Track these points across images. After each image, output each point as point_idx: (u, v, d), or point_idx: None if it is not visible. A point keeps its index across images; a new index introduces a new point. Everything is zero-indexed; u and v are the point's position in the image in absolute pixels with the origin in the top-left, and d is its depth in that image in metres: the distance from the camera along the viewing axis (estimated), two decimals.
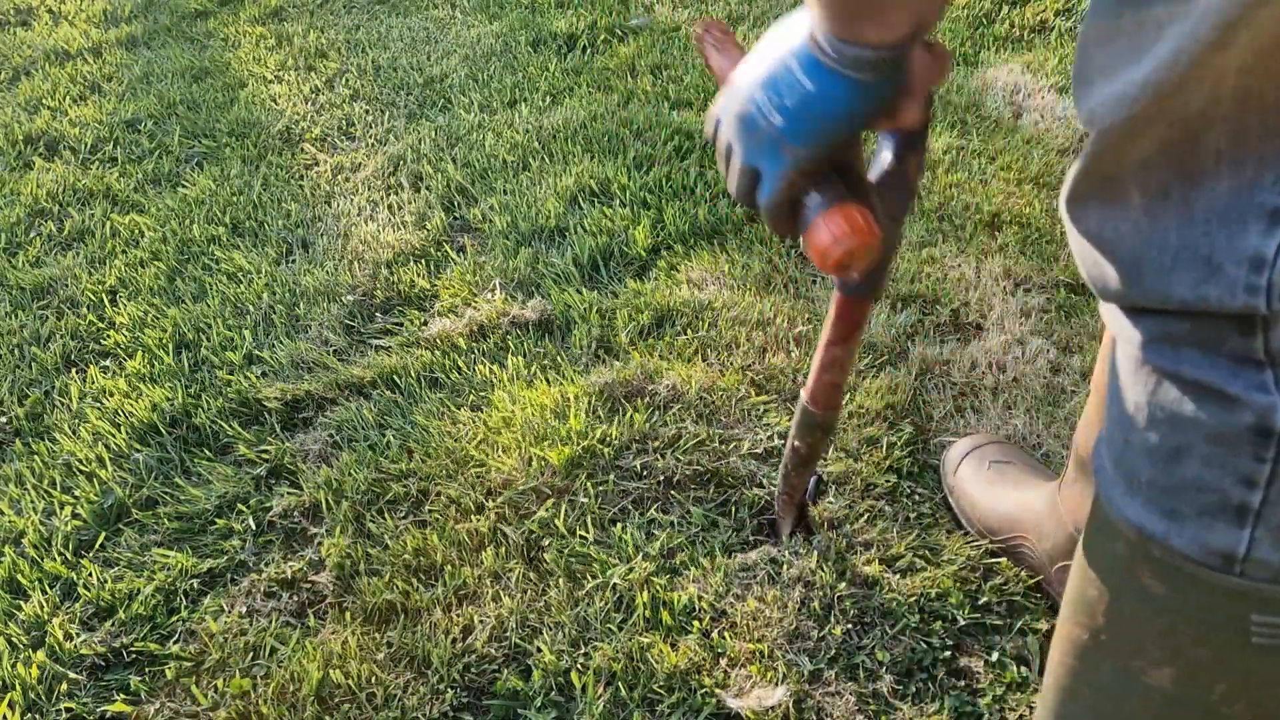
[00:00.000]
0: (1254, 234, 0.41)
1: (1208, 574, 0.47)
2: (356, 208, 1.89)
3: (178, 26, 3.00)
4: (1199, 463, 0.46)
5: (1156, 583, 0.50)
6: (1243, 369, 0.44)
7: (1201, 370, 0.45)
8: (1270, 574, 0.46)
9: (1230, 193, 0.41)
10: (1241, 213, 0.41)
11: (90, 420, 1.41)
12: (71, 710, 1.02)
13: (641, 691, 0.95)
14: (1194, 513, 0.47)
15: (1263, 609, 0.47)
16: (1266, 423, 0.43)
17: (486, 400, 1.35)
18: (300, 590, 1.12)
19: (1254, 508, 0.45)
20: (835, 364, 0.87)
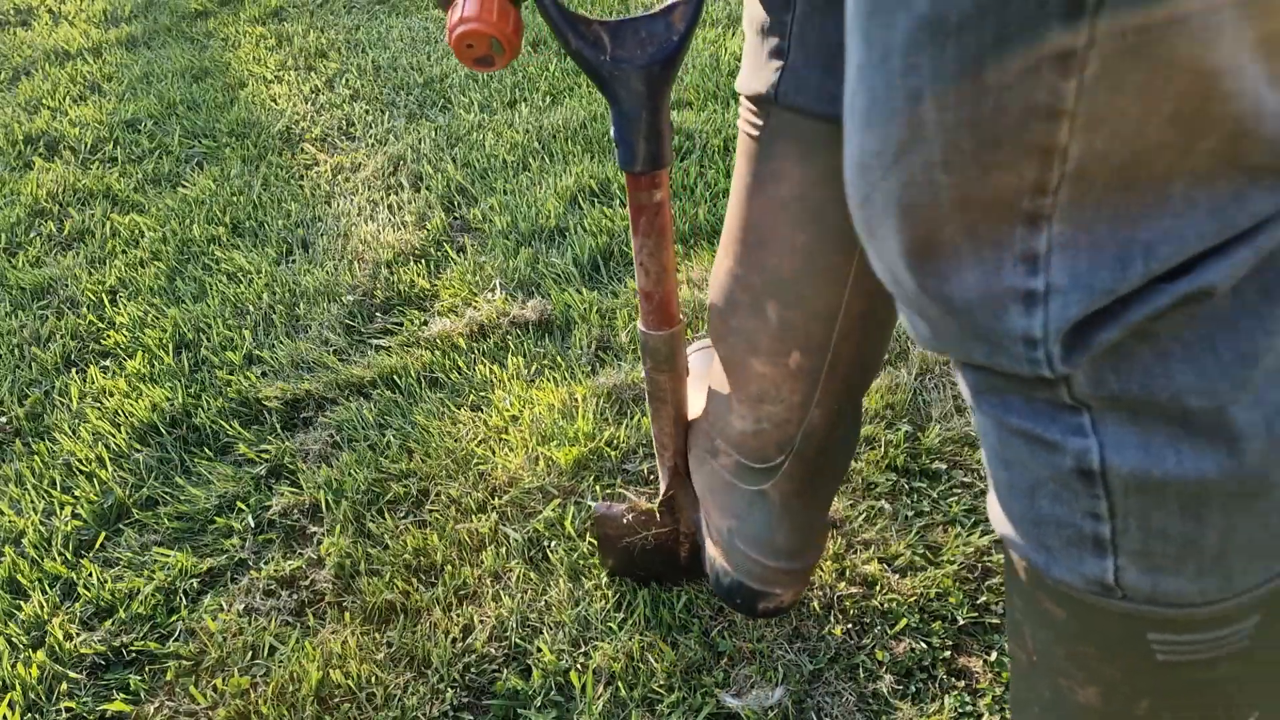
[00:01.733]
0: (1015, 315, 0.41)
1: (1095, 599, 0.48)
2: (356, 208, 1.89)
3: (178, 26, 3.00)
4: (1050, 500, 0.47)
5: (1057, 608, 0.50)
6: (1059, 414, 0.44)
7: (1024, 418, 0.46)
8: (1145, 597, 0.46)
9: (979, 280, 0.41)
10: (997, 299, 0.41)
11: (90, 420, 1.41)
12: (71, 710, 1.02)
13: (641, 691, 0.95)
14: (1061, 545, 0.48)
15: (1155, 629, 0.47)
16: (1085, 465, 0.44)
17: (487, 400, 1.35)
18: (300, 589, 1.12)
19: (1108, 538, 0.46)
20: (640, 266, 0.77)
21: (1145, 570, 0.46)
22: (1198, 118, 0.35)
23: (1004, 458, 0.49)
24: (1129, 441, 0.43)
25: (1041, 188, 0.37)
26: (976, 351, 0.44)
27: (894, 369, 1.33)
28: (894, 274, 0.44)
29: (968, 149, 0.37)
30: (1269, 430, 0.41)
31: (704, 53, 2.33)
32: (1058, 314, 0.40)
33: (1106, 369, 0.42)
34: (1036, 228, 0.39)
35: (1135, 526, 0.45)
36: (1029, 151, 0.36)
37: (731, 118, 2.01)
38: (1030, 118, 0.35)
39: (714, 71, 2.22)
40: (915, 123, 0.37)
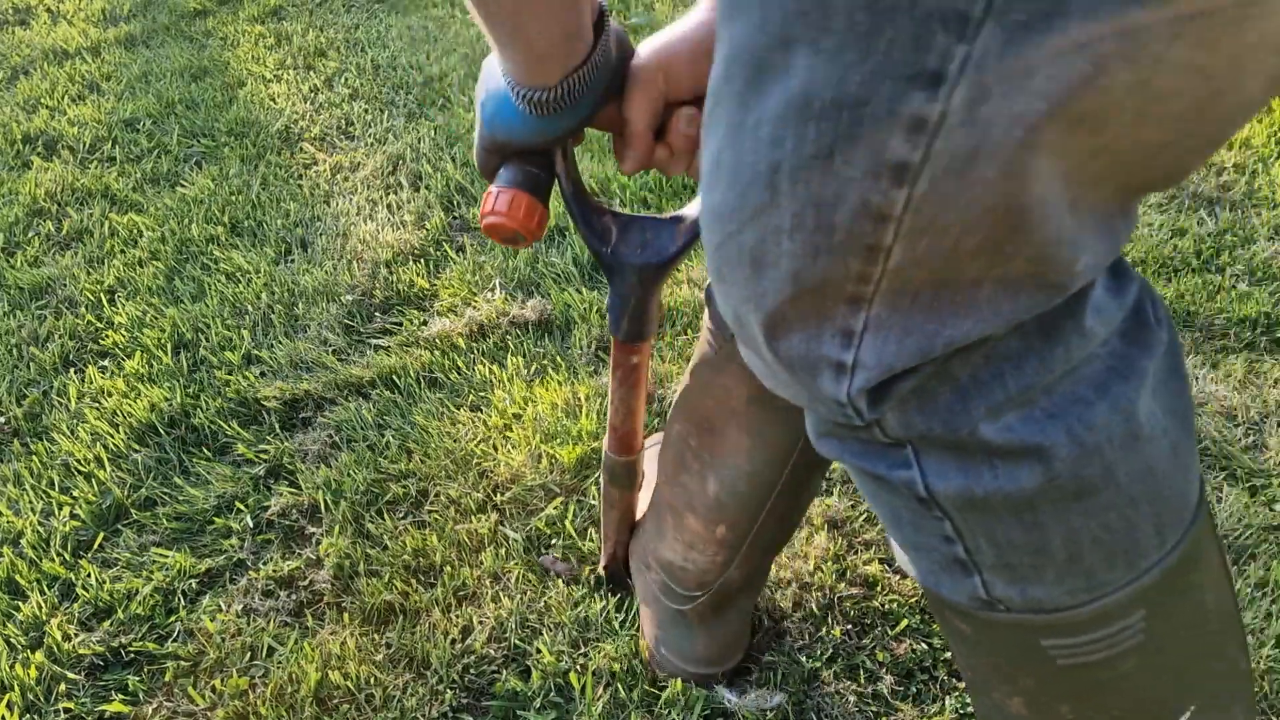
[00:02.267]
0: (827, 380, 0.45)
1: (985, 613, 0.50)
2: (356, 207, 1.89)
3: (176, 25, 2.99)
4: (910, 528, 0.50)
5: (963, 624, 0.53)
6: (884, 451, 0.48)
7: (857, 457, 0.49)
8: (1022, 606, 0.49)
9: (802, 344, 0.44)
10: (815, 363, 0.45)
11: (89, 420, 1.40)
12: (70, 710, 1.02)
13: (640, 692, 0.95)
14: (936, 567, 0.51)
15: (1046, 635, 0.49)
16: (915, 492, 0.47)
17: (486, 400, 1.35)
18: (299, 590, 1.12)
19: (965, 557, 0.49)
20: (612, 405, 0.86)
21: (1011, 581, 0.48)
22: (1008, 240, 0.39)
23: (867, 493, 0.52)
24: (948, 467, 0.46)
25: (865, 278, 0.41)
26: (800, 399, 0.48)
27: None
28: (738, 316, 0.47)
29: (810, 225, 0.40)
30: (1071, 438, 0.44)
31: None
32: (860, 382, 0.44)
33: (913, 411, 0.45)
34: (857, 308, 0.42)
35: (984, 543, 0.47)
36: (857, 246, 0.39)
37: None
38: (864, 215, 0.38)
39: None
40: (773, 189, 0.40)
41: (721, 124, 0.42)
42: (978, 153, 0.35)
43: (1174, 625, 0.49)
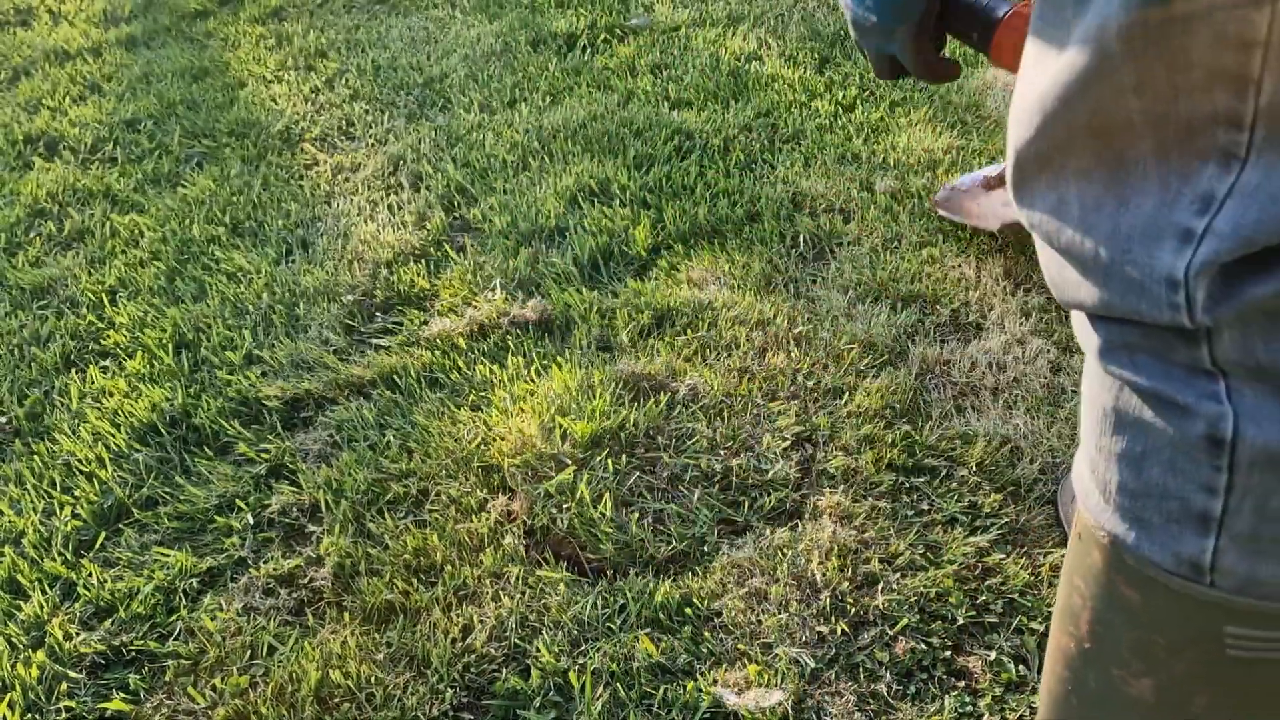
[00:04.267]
0: (1168, 252, 0.40)
1: (1180, 583, 0.46)
2: (356, 208, 1.89)
3: (177, 26, 3.00)
4: (1162, 469, 0.46)
5: (1132, 592, 0.49)
6: (1194, 378, 0.43)
7: (1156, 379, 0.44)
8: (1238, 584, 0.45)
9: (1153, 209, 0.40)
10: (1159, 231, 0.40)
11: (90, 420, 1.41)
12: (71, 709, 1.02)
13: (640, 691, 0.95)
14: (1161, 520, 0.46)
15: (1236, 621, 0.46)
16: (1218, 433, 0.43)
17: (487, 400, 1.35)
18: (299, 588, 1.12)
19: (1216, 515, 0.44)
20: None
21: (1246, 554, 0.44)
22: None
23: (1120, 421, 0.47)
24: (1267, 414, 0.41)
25: (1236, 120, 0.37)
26: (1117, 296, 0.43)
27: (894, 369, 1.33)
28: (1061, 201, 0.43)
29: (1160, 73, 0.37)
30: None
31: (704, 52, 2.33)
32: (1205, 256, 0.39)
33: (1255, 336, 0.40)
34: (1227, 169, 0.38)
35: (1250, 507, 0.43)
36: (1221, 78, 0.36)
37: (732, 117, 2.01)
38: (1221, 47, 0.35)
39: (714, 71, 2.22)
40: (1102, 53, 0.37)
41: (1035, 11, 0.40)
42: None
43: None
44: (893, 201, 1.68)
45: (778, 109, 2.04)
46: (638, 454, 1.22)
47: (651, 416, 1.26)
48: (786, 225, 1.65)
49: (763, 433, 1.24)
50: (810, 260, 1.59)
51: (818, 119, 1.97)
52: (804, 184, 1.76)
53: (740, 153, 1.89)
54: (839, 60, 2.22)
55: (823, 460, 1.19)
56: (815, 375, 1.32)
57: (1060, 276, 0.48)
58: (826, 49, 2.27)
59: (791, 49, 2.29)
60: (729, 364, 1.35)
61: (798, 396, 1.29)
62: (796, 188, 1.75)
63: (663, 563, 1.10)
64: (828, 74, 2.17)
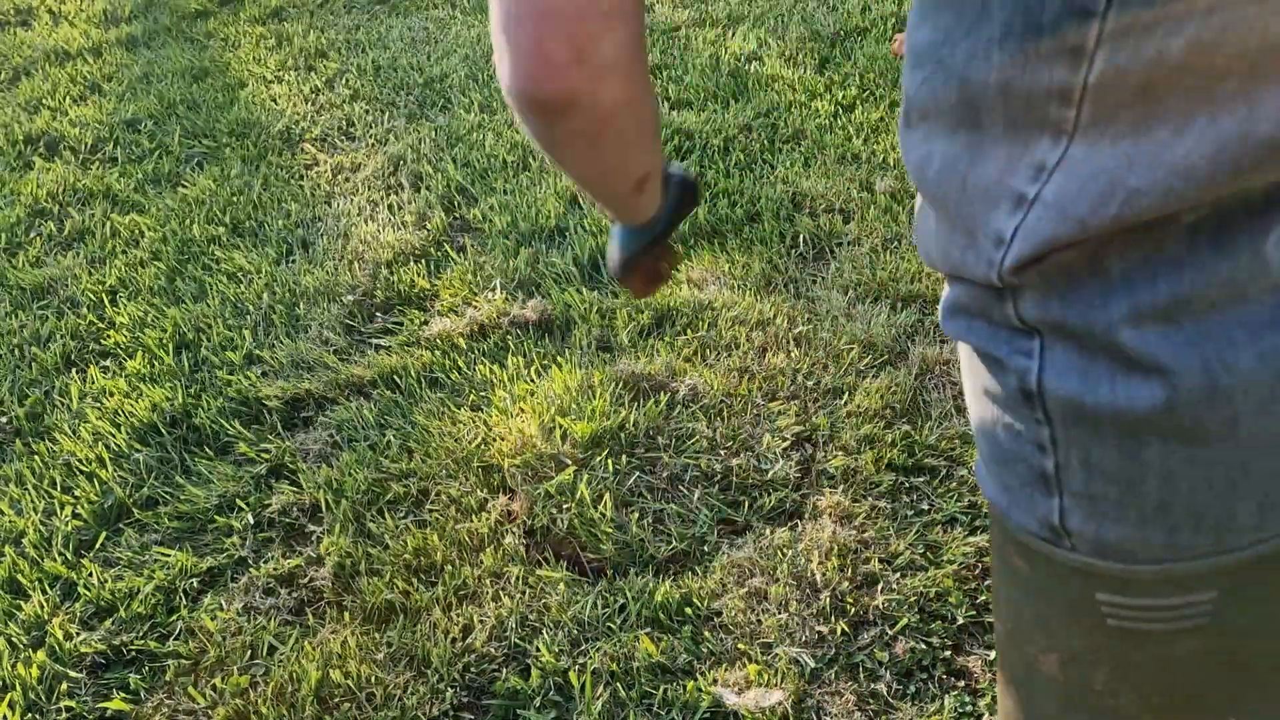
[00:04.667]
0: (1002, 214, 0.43)
1: (1048, 549, 0.48)
2: (356, 208, 1.89)
3: (178, 26, 3.00)
4: (1005, 431, 0.48)
5: (1021, 562, 0.51)
6: (1013, 336, 0.46)
7: (983, 339, 0.48)
8: (1091, 547, 0.47)
9: (998, 172, 0.43)
10: (999, 193, 0.43)
11: (90, 420, 1.41)
12: (71, 709, 1.02)
13: (639, 690, 0.95)
14: (1018, 484, 0.49)
15: (1104, 588, 0.47)
16: (1025, 385, 0.45)
17: (487, 400, 1.35)
18: (299, 588, 1.12)
19: (1052, 472, 0.47)
20: None
21: (1089, 515, 0.46)
22: (1216, 47, 0.36)
23: (973, 390, 0.50)
24: (1069, 366, 0.44)
25: (1067, 95, 0.39)
26: (956, 250, 0.46)
27: (894, 369, 1.33)
28: (929, 154, 0.46)
29: (1019, 29, 0.39)
30: (1205, 372, 0.41)
31: (704, 53, 2.33)
32: (1031, 221, 0.42)
33: (1053, 296, 0.43)
34: (1057, 141, 0.41)
35: (1076, 462, 0.45)
36: (1061, 49, 0.38)
37: (732, 117, 2.01)
38: (1068, 11, 0.38)
39: (714, 71, 2.22)
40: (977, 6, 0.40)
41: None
42: None
43: (1246, 621, 0.46)
44: (893, 201, 1.68)
45: (778, 109, 2.04)
46: (638, 454, 1.22)
47: (651, 416, 1.26)
48: (786, 225, 1.65)
49: (763, 433, 1.24)
50: (810, 260, 1.59)
51: (818, 119, 1.98)
52: (804, 184, 1.76)
53: (740, 153, 1.89)
54: (839, 60, 2.22)
55: (823, 460, 1.19)
56: (815, 375, 1.32)
57: (922, 229, 0.51)
58: (826, 49, 2.27)
59: (791, 49, 2.29)
60: (729, 364, 1.35)
61: (798, 396, 1.29)
62: (796, 188, 1.75)
63: (663, 563, 1.10)
64: (828, 74, 2.17)
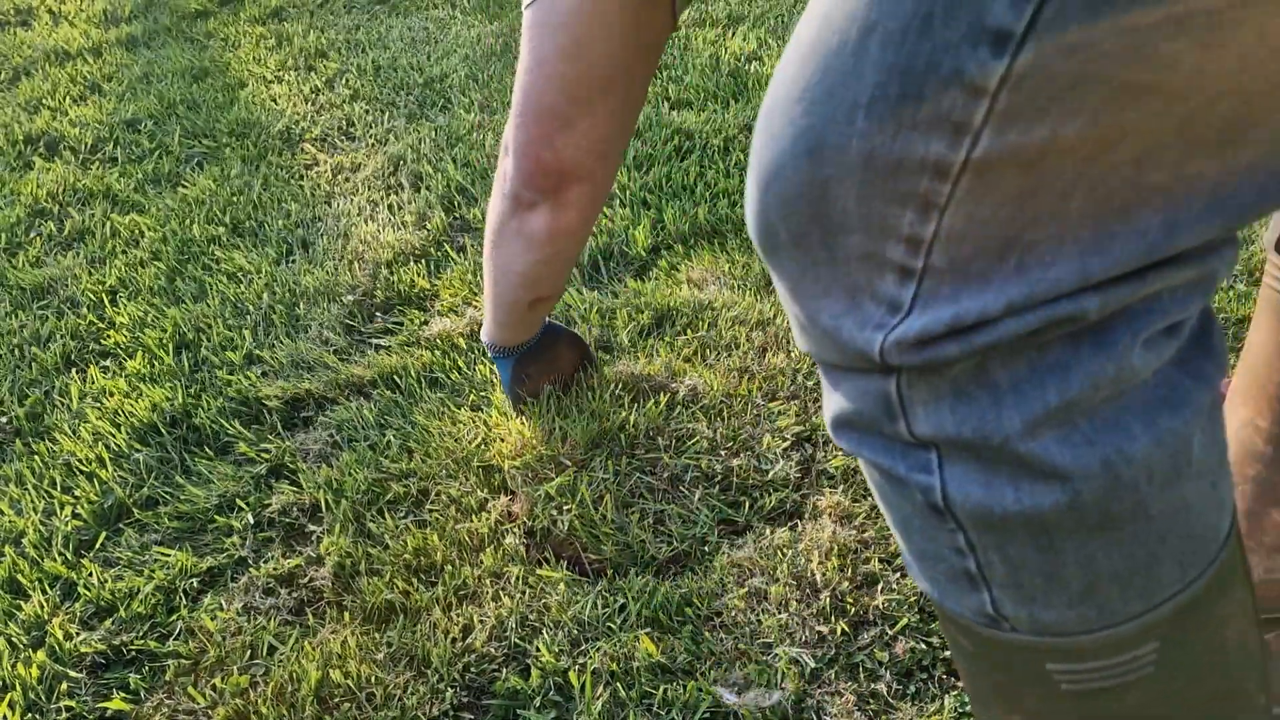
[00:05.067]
0: (891, 283, 0.41)
1: (989, 631, 0.48)
2: (356, 208, 1.89)
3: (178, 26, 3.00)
4: (920, 535, 0.47)
5: (965, 640, 0.50)
6: (908, 450, 0.45)
7: (877, 453, 0.46)
8: (1029, 627, 0.46)
9: (863, 243, 0.40)
10: (878, 263, 0.41)
11: (90, 420, 1.41)
12: (71, 709, 1.02)
13: (640, 690, 0.95)
14: (944, 579, 0.48)
15: (1052, 659, 0.47)
16: (931, 500, 0.44)
17: (487, 400, 1.35)
18: (299, 588, 1.12)
19: (975, 572, 0.46)
20: None
21: (1020, 602, 0.46)
22: (1115, 136, 0.35)
23: (876, 493, 0.49)
24: (971, 478, 0.43)
25: (943, 170, 0.37)
26: (831, 310, 0.43)
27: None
28: (774, 221, 0.43)
29: (893, 95, 0.36)
30: (1105, 468, 0.41)
31: (704, 53, 2.33)
32: (920, 313, 0.40)
33: (944, 410, 0.42)
34: (928, 215, 0.38)
35: (997, 560, 0.45)
36: (943, 122, 0.36)
37: (732, 117, 2.01)
38: (956, 85, 0.35)
39: (714, 71, 2.22)
40: (859, 55, 0.37)
41: (816, 5, 0.39)
42: (1094, 24, 0.32)
43: (1189, 658, 0.47)
44: None
45: None
46: (638, 455, 1.22)
47: (651, 417, 1.26)
48: None
49: (763, 433, 1.24)
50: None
51: None
52: None
53: (740, 153, 1.89)
54: None
55: (823, 460, 1.20)
56: (815, 375, 1.32)
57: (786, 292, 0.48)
58: None
59: None
60: (729, 364, 1.35)
61: (798, 396, 1.29)
62: None
63: (663, 563, 1.10)
64: None
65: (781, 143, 0.41)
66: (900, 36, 0.35)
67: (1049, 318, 0.39)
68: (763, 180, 0.42)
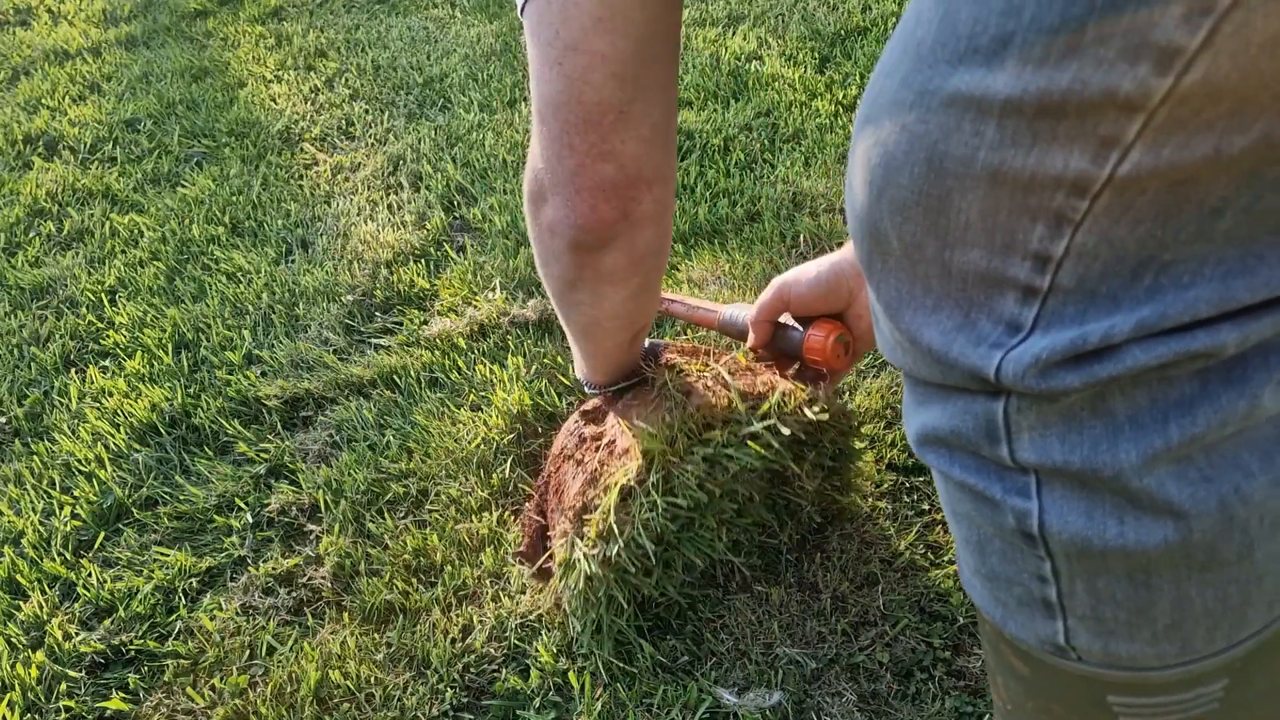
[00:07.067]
0: (1011, 302, 0.39)
1: (1052, 659, 0.46)
2: (356, 207, 1.89)
3: (177, 26, 3.00)
4: (998, 558, 0.46)
5: (1020, 664, 0.49)
6: (1005, 472, 0.43)
7: (968, 473, 0.44)
8: (1100, 660, 0.45)
9: (983, 259, 0.38)
10: (997, 281, 0.39)
11: (89, 420, 1.41)
12: (70, 709, 1.02)
13: (640, 691, 0.95)
14: (1015, 604, 0.47)
15: (1115, 691, 0.46)
16: (1025, 527, 0.43)
17: (487, 400, 1.35)
18: (299, 587, 1.12)
19: (1055, 601, 0.44)
20: None
21: (1097, 634, 0.44)
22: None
23: (953, 510, 0.47)
24: (1072, 508, 0.41)
25: (1082, 187, 0.34)
26: (940, 326, 0.41)
27: (894, 369, 1.33)
28: (882, 229, 0.41)
29: (1029, 108, 0.34)
30: (1221, 508, 0.39)
31: (704, 52, 2.33)
32: (1042, 333, 0.38)
33: (1052, 438, 0.40)
34: (1060, 231, 0.36)
35: (1083, 590, 0.43)
36: (1086, 137, 0.33)
37: (732, 117, 2.01)
38: (1107, 101, 0.32)
39: (714, 71, 2.22)
40: (993, 63, 0.34)
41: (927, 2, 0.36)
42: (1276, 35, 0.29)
43: (1254, 694, 0.46)
44: None
45: (778, 109, 2.04)
46: None
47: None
48: (787, 225, 1.65)
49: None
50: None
51: (818, 118, 1.97)
52: (804, 184, 1.76)
53: (740, 152, 1.89)
54: (839, 60, 2.22)
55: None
56: None
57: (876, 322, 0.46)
58: (827, 49, 2.27)
59: (791, 48, 2.29)
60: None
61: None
62: (797, 187, 1.75)
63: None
64: (828, 73, 2.17)
65: (895, 148, 0.38)
66: (1042, 52, 0.32)
67: (1183, 351, 0.36)
68: (876, 186, 0.40)
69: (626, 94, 0.66)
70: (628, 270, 0.76)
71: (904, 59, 0.38)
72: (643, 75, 0.66)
